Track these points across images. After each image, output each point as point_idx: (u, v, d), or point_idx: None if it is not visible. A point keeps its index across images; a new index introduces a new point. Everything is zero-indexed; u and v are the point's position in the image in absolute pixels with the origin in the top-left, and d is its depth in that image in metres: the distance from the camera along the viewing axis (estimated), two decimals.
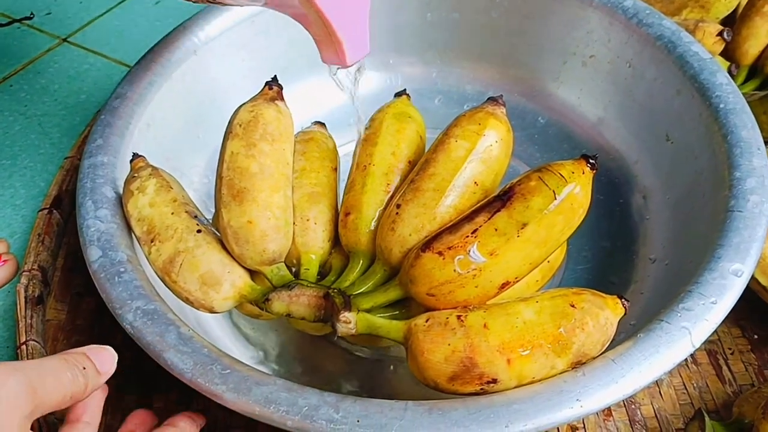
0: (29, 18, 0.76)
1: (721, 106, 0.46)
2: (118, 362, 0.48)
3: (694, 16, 0.63)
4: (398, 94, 0.47)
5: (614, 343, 0.36)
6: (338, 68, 0.39)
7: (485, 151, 0.40)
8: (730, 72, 0.62)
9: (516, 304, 0.35)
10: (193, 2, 0.40)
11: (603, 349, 0.36)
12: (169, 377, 0.47)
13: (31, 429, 0.32)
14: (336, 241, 0.43)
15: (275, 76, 0.43)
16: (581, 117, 0.59)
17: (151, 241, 0.41)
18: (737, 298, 0.37)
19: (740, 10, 0.63)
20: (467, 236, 0.35)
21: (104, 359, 0.34)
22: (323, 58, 0.38)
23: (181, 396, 0.46)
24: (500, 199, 0.36)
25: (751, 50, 0.62)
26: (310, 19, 0.36)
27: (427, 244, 0.36)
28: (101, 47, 0.73)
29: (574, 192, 0.36)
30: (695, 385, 0.47)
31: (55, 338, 0.48)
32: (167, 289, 0.41)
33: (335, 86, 0.62)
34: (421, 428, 0.32)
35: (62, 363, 0.32)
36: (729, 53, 0.62)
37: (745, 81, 0.62)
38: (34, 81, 0.69)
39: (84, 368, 0.33)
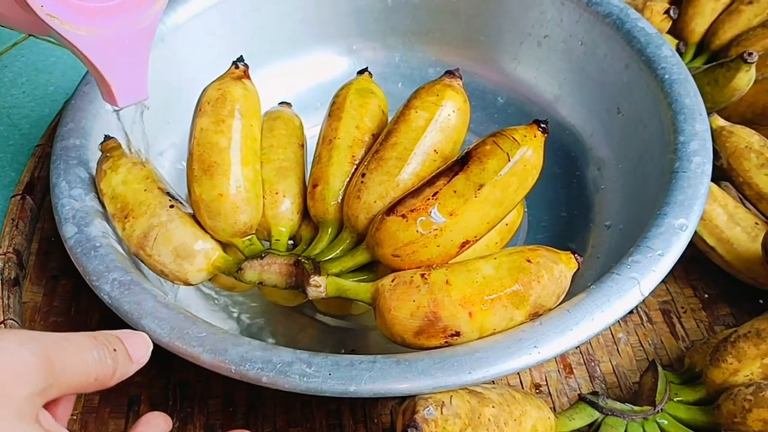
0: None
1: (666, 76, 0.49)
2: None
3: None
4: (360, 72, 0.49)
5: (570, 298, 0.38)
6: (117, 109, 0.41)
7: (444, 121, 0.42)
8: (678, 49, 0.65)
9: (476, 261, 0.37)
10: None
11: (559, 301, 0.38)
12: None
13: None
14: (305, 214, 0.45)
15: (241, 55, 0.45)
16: (538, 95, 0.61)
17: (125, 218, 0.42)
18: (683, 251, 0.40)
19: None
20: (428, 199, 0.38)
21: (138, 344, 0.31)
22: (102, 97, 0.40)
23: (159, 370, 0.47)
24: (458, 164, 0.38)
25: (697, 28, 0.65)
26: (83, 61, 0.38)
27: (391, 209, 0.38)
28: None
29: (526, 155, 0.38)
30: (650, 342, 0.50)
31: (32, 320, 0.49)
32: (143, 265, 0.42)
33: (300, 71, 0.64)
34: (389, 378, 0.34)
35: (90, 340, 0.29)
36: (677, 32, 0.66)
37: (694, 58, 0.65)
38: (1, 75, 0.69)
39: (114, 350, 0.29)
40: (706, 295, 0.52)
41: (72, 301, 0.51)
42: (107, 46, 0.38)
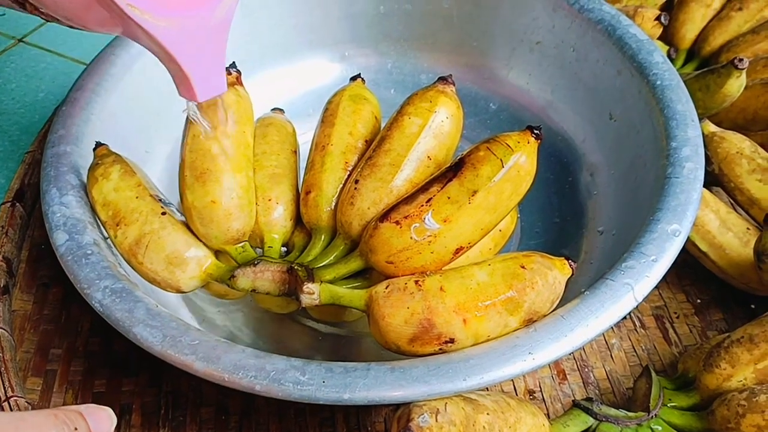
0: None
1: (658, 83, 0.49)
2: (87, 347, 0.49)
3: (634, 3, 0.66)
4: (353, 78, 0.49)
5: (564, 304, 0.38)
6: (195, 103, 0.40)
7: (437, 127, 0.42)
8: (669, 56, 0.65)
9: (470, 267, 0.37)
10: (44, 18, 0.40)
11: (553, 307, 0.38)
12: (138, 360, 0.48)
13: None
14: (298, 220, 0.45)
15: (234, 62, 0.44)
16: (531, 101, 0.62)
17: (117, 225, 0.42)
18: (676, 256, 0.40)
19: None
20: (422, 205, 0.37)
21: (101, 420, 0.30)
22: (179, 92, 0.39)
23: (150, 378, 0.47)
24: (452, 170, 0.38)
25: (688, 34, 0.65)
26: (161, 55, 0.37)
27: (385, 215, 0.38)
28: (58, 46, 0.73)
29: (520, 161, 0.38)
30: (644, 347, 0.50)
31: (22, 328, 0.49)
32: (134, 273, 0.42)
33: (293, 78, 0.64)
34: (384, 385, 0.34)
35: (49, 419, 0.28)
36: (668, 38, 0.66)
37: (684, 64, 0.66)
38: None
39: (75, 429, 0.29)
40: (699, 301, 0.52)
41: (63, 309, 0.50)
42: (187, 38, 0.36)
